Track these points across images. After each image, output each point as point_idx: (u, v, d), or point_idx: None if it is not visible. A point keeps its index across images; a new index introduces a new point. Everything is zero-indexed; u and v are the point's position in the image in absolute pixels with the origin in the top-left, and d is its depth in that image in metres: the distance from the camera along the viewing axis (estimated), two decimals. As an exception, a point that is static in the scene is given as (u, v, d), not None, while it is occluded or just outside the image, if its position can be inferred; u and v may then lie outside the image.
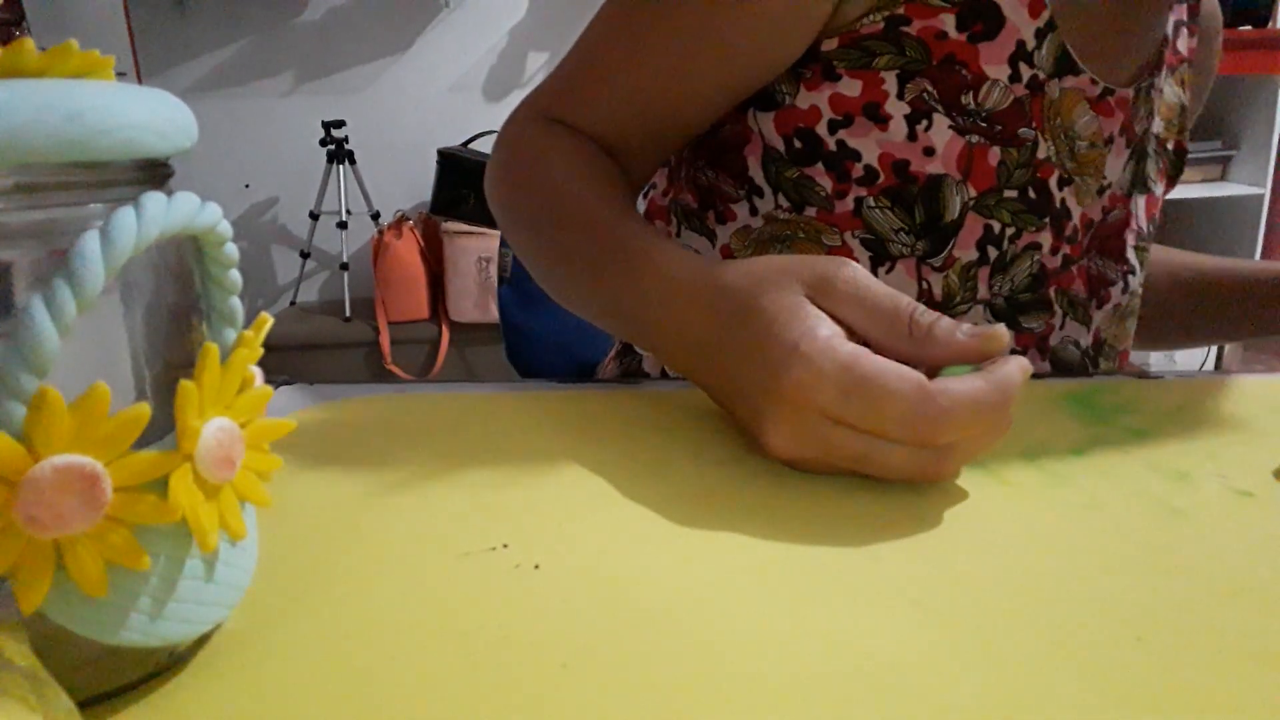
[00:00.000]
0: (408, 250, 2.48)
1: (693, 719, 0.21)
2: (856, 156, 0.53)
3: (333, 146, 2.46)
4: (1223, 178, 2.41)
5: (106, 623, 0.20)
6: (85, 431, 0.18)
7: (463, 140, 2.52)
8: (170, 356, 0.22)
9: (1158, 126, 0.62)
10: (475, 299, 2.44)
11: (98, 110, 0.19)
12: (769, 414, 0.34)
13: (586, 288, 0.46)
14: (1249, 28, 2.23)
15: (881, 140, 0.52)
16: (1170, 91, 0.63)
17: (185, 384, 0.20)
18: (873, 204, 0.53)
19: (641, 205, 0.67)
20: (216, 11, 2.54)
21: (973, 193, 0.52)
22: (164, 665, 0.23)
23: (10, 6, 2.32)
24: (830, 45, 0.51)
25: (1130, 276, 0.62)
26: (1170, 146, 0.65)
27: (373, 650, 0.24)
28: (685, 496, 0.33)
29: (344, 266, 2.49)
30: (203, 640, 0.24)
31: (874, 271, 0.54)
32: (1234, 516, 0.32)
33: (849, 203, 0.53)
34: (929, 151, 0.52)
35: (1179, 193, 2.28)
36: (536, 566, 0.28)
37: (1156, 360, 2.72)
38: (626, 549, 0.29)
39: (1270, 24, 2.26)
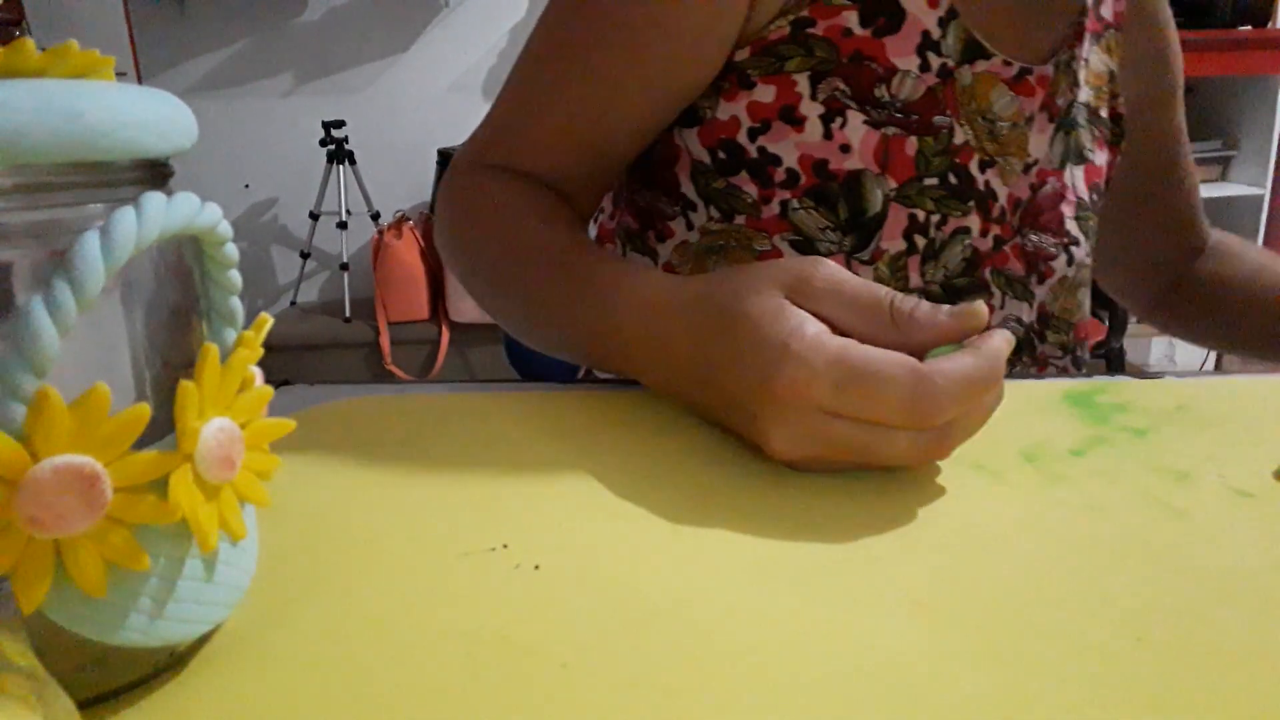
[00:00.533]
0: (408, 250, 2.48)
1: (692, 719, 0.21)
2: (777, 161, 0.53)
3: (333, 146, 2.46)
4: (1223, 178, 2.41)
5: (106, 623, 0.20)
6: (85, 432, 0.18)
7: (463, 140, 2.52)
8: (170, 356, 0.22)
9: (1086, 95, 0.63)
10: (475, 299, 2.43)
11: (98, 110, 0.19)
12: (766, 417, 0.34)
13: (560, 324, 0.46)
14: (1249, 28, 2.23)
15: (799, 142, 0.53)
16: (1097, 59, 0.63)
17: (185, 384, 0.20)
18: (797, 205, 0.53)
19: (593, 231, 0.68)
20: (216, 11, 2.54)
21: (893, 184, 0.53)
22: (164, 665, 0.23)
23: (10, 6, 2.32)
24: (743, 55, 0.52)
25: (1074, 248, 0.62)
26: (1105, 114, 0.65)
27: (373, 650, 0.24)
28: (685, 496, 0.33)
29: (344, 267, 2.49)
30: (203, 640, 0.24)
31: None
32: (1234, 516, 0.32)
33: (775, 207, 0.54)
34: (845, 148, 0.52)
35: (1179, 193, 2.28)
36: (536, 567, 0.28)
37: (1156, 360, 2.73)
38: (626, 549, 0.29)
39: (1270, 24, 2.26)
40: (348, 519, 0.31)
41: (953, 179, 0.54)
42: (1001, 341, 0.34)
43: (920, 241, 0.54)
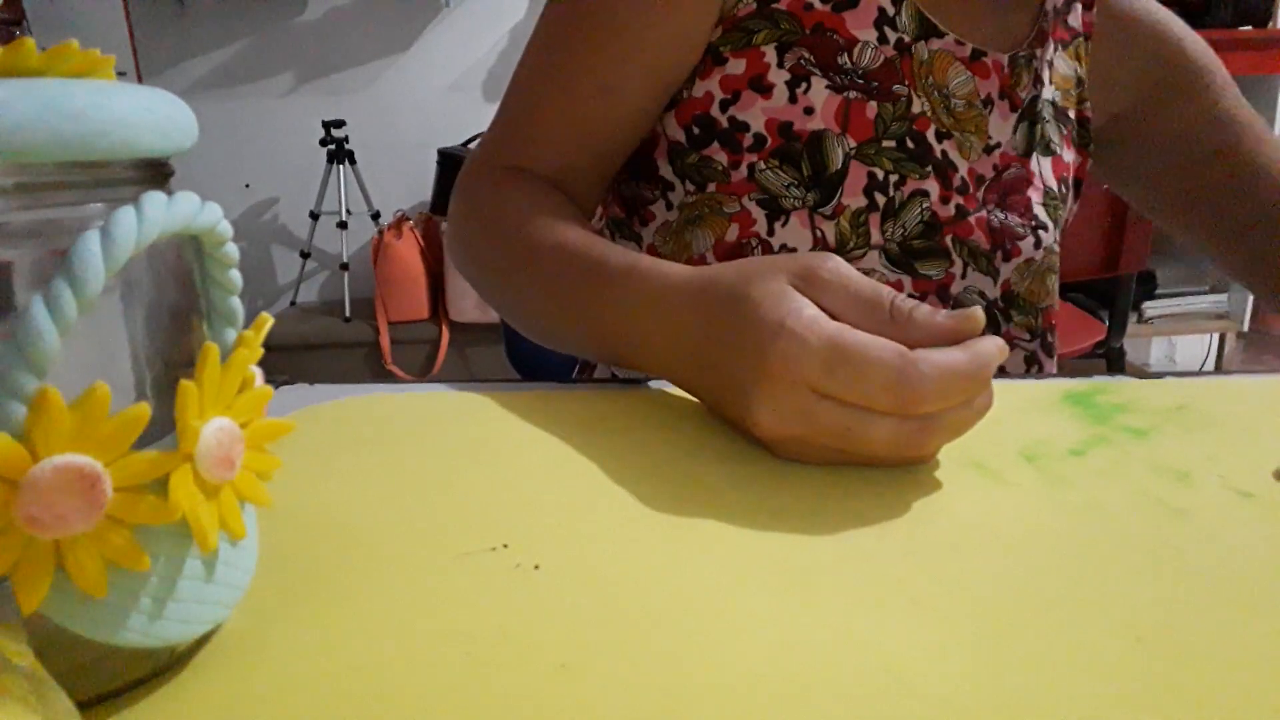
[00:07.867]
0: (408, 250, 2.48)
1: (692, 719, 0.21)
2: (745, 128, 0.57)
3: (333, 146, 2.46)
4: (1223, 178, 2.41)
5: (106, 623, 0.20)
6: (85, 431, 0.18)
7: (463, 140, 2.52)
8: (170, 356, 0.22)
9: (1052, 94, 0.65)
10: (475, 299, 2.44)
11: (98, 110, 0.19)
12: (755, 391, 0.35)
13: (571, 317, 0.47)
14: (1249, 28, 2.23)
15: (766, 108, 0.56)
16: (1064, 64, 0.66)
17: (185, 384, 0.20)
18: (763, 166, 0.57)
19: None
20: (216, 11, 2.54)
21: (852, 143, 0.56)
22: (164, 665, 0.23)
23: (10, 6, 2.32)
24: (715, 34, 0.56)
25: (1042, 232, 0.64)
26: (1073, 115, 0.68)
27: (373, 650, 0.24)
28: (685, 496, 0.33)
29: (344, 266, 2.49)
30: (203, 640, 0.24)
31: (770, 226, 0.57)
32: (1234, 517, 0.32)
33: (743, 170, 0.57)
34: (809, 110, 0.56)
35: (1179, 193, 2.28)
36: (536, 567, 0.28)
37: (1156, 360, 2.73)
38: (627, 549, 0.29)
39: (1270, 24, 2.26)
40: (348, 519, 0.31)
41: (910, 143, 0.57)
42: (993, 347, 0.34)
43: (880, 199, 0.57)
